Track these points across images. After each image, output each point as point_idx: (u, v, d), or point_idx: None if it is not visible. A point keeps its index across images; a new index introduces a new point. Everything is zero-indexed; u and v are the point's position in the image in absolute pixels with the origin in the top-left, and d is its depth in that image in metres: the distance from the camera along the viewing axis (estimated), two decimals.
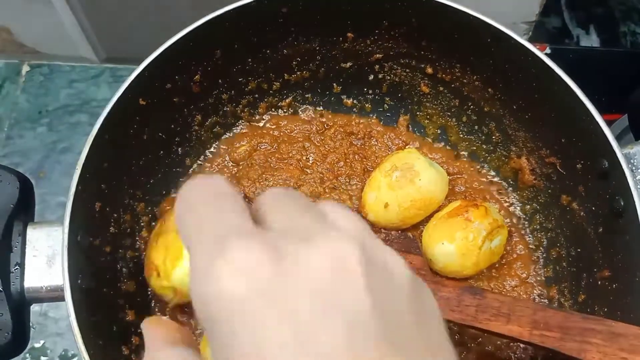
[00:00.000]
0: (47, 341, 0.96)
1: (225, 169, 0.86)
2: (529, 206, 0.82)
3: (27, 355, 0.96)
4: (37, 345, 0.96)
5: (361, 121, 0.89)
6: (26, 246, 0.62)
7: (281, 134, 0.89)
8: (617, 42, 1.22)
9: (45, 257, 0.62)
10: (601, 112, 0.69)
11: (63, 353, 0.96)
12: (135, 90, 0.70)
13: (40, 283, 0.61)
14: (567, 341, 0.58)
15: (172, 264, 0.68)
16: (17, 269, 0.60)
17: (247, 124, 0.89)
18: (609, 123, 1.05)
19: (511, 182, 0.84)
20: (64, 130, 1.13)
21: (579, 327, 0.58)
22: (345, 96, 0.90)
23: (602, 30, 1.23)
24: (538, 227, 0.80)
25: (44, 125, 1.13)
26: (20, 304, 0.60)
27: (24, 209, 0.64)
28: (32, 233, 0.63)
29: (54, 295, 0.61)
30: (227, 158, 0.87)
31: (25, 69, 1.18)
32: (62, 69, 1.18)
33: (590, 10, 1.25)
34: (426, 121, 0.89)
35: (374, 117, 0.90)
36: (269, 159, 0.86)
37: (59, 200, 1.05)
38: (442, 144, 0.88)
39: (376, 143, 0.88)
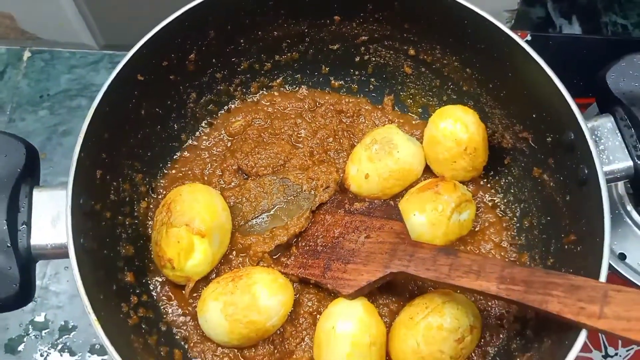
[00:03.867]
0: (48, 313, 1.00)
1: (220, 142, 0.91)
2: (504, 179, 0.86)
3: (30, 326, 0.99)
4: (38, 318, 1.00)
5: (351, 100, 0.94)
6: (32, 207, 0.66)
7: (275, 110, 0.93)
8: (598, 32, 1.26)
9: (50, 217, 0.66)
10: (579, 95, 0.72)
11: (63, 324, 0.99)
12: (134, 66, 0.75)
13: (46, 241, 0.66)
14: (530, 294, 0.62)
15: (185, 257, 0.74)
16: (24, 227, 0.65)
17: (240, 101, 0.93)
18: (586, 106, 1.09)
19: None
20: (64, 114, 1.16)
21: (541, 281, 0.62)
22: (333, 77, 0.95)
23: (584, 20, 1.26)
24: (512, 198, 0.85)
25: (45, 109, 1.17)
26: (27, 260, 0.65)
27: (30, 173, 0.68)
28: (38, 195, 0.67)
29: (58, 252, 0.65)
30: (223, 132, 0.91)
31: (26, 54, 1.22)
32: (63, 55, 1.22)
33: (574, 1, 1.28)
34: (409, 101, 0.94)
35: (363, 97, 0.95)
36: (262, 134, 0.90)
37: (60, 180, 1.08)
38: (425, 121, 0.92)
39: (364, 121, 0.92)
